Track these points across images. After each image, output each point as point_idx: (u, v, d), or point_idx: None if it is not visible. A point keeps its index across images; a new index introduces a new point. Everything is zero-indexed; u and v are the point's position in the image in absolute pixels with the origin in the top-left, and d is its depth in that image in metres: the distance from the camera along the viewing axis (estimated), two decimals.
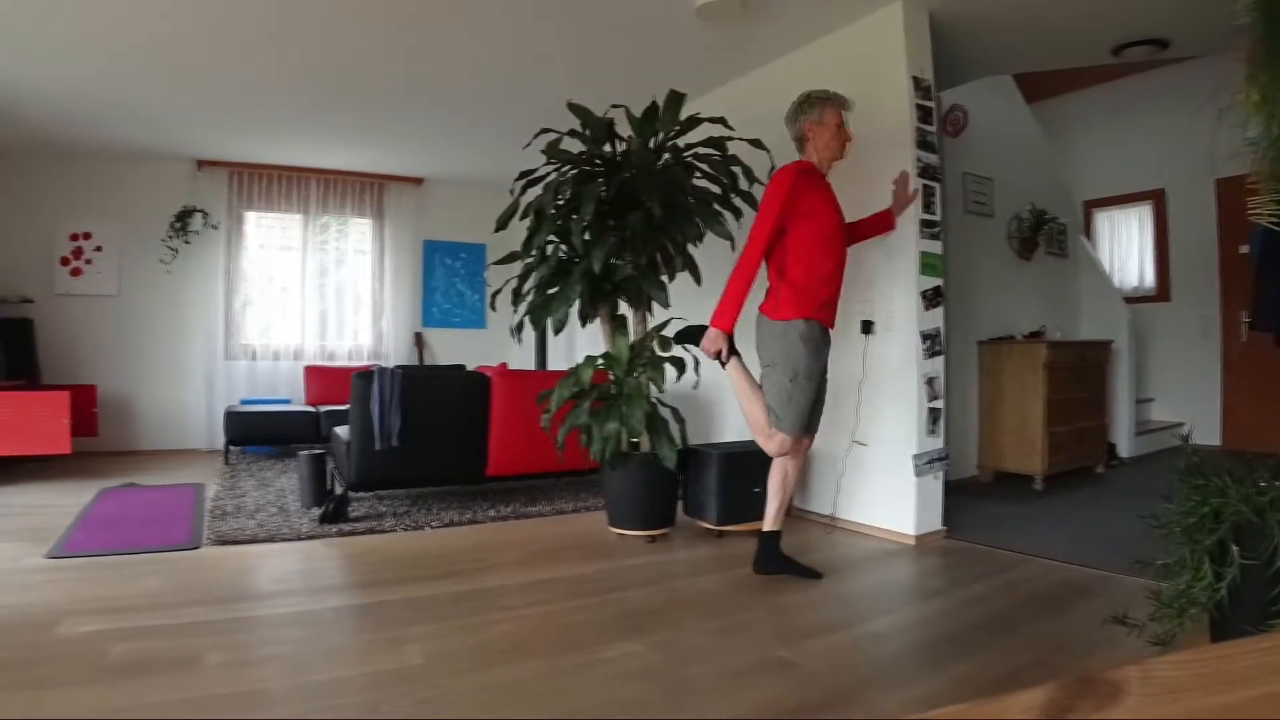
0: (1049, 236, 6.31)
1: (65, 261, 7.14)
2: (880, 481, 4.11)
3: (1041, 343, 5.48)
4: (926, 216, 4.04)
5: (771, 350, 3.35)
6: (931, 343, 4.01)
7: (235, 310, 7.54)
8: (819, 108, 3.38)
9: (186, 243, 7.33)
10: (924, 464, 3.95)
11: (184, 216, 7.25)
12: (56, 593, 3.12)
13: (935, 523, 4.05)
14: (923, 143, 4.08)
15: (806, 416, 3.36)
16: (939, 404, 4.05)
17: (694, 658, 2.51)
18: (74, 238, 7.17)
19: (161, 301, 7.37)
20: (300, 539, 4.00)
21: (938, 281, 4.06)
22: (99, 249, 7.22)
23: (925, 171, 4.06)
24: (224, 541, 3.90)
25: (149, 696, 2.17)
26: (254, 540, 3.94)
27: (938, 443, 4.05)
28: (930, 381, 4.00)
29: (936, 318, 4.05)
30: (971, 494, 5.08)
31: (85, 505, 4.76)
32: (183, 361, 7.43)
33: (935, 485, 4.05)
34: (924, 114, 4.10)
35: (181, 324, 7.44)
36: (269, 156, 7.33)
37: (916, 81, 4.08)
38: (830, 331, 3.39)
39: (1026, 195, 6.13)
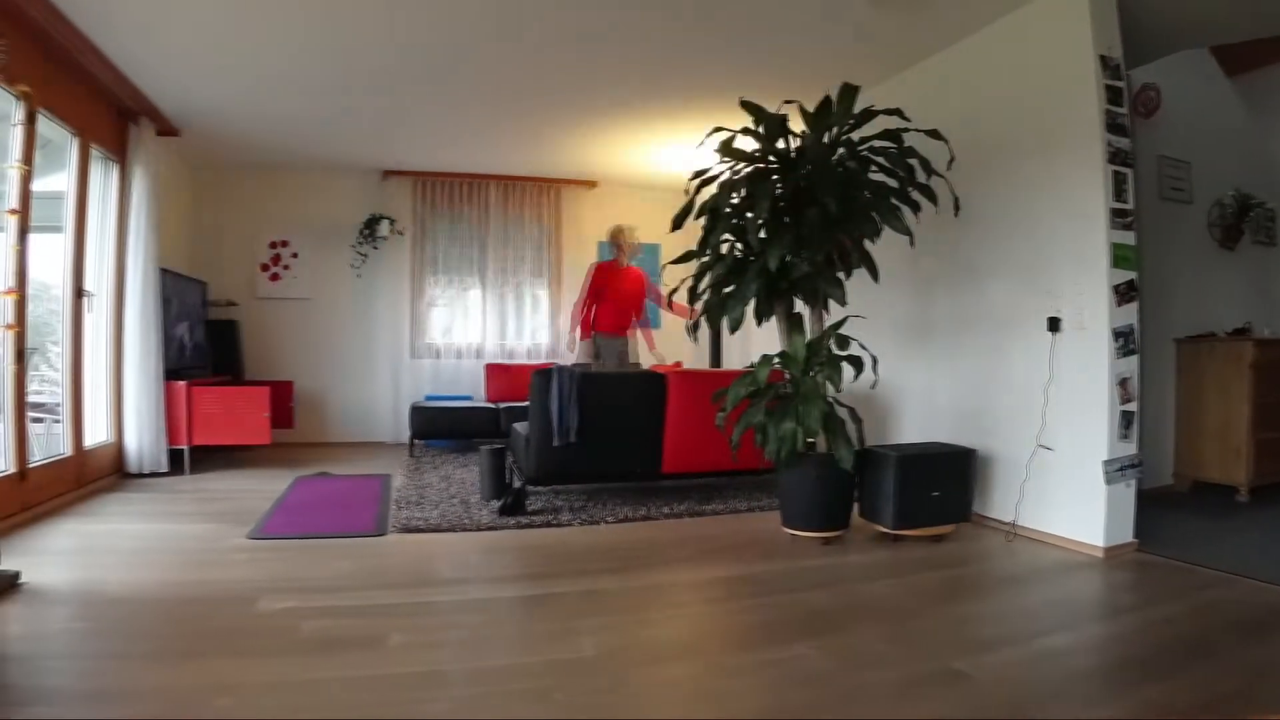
0: (1255, 224, 5.77)
1: (265, 268, 7.77)
2: (1067, 489, 3.88)
3: (1247, 340, 5.03)
4: (1118, 205, 3.79)
5: None
6: (1124, 341, 3.76)
7: (420, 311, 7.98)
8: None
9: (375, 248, 7.82)
10: (1115, 471, 3.70)
11: (372, 224, 7.73)
12: (256, 571, 3.40)
13: (1126, 534, 3.79)
14: (1112, 126, 3.82)
15: None
16: (1132, 407, 3.78)
17: (866, 664, 2.45)
18: (273, 245, 7.79)
19: (352, 303, 7.89)
20: (480, 529, 4.18)
21: (1131, 275, 3.80)
22: (295, 255, 7.81)
23: (1116, 157, 3.81)
24: (408, 530, 4.12)
25: (336, 671, 2.34)
26: (436, 529, 4.14)
27: (1130, 448, 3.78)
28: (1123, 382, 3.75)
29: (1130, 314, 3.79)
30: (1167, 504, 4.72)
31: (282, 492, 5.16)
32: (371, 359, 7.93)
33: (1127, 494, 3.78)
34: (1113, 95, 3.84)
35: (370, 324, 7.94)
36: (450, 164, 7.72)
37: (1104, 60, 3.82)
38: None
39: (1229, 179, 5.63)
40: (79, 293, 5.10)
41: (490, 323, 8.19)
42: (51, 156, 4.92)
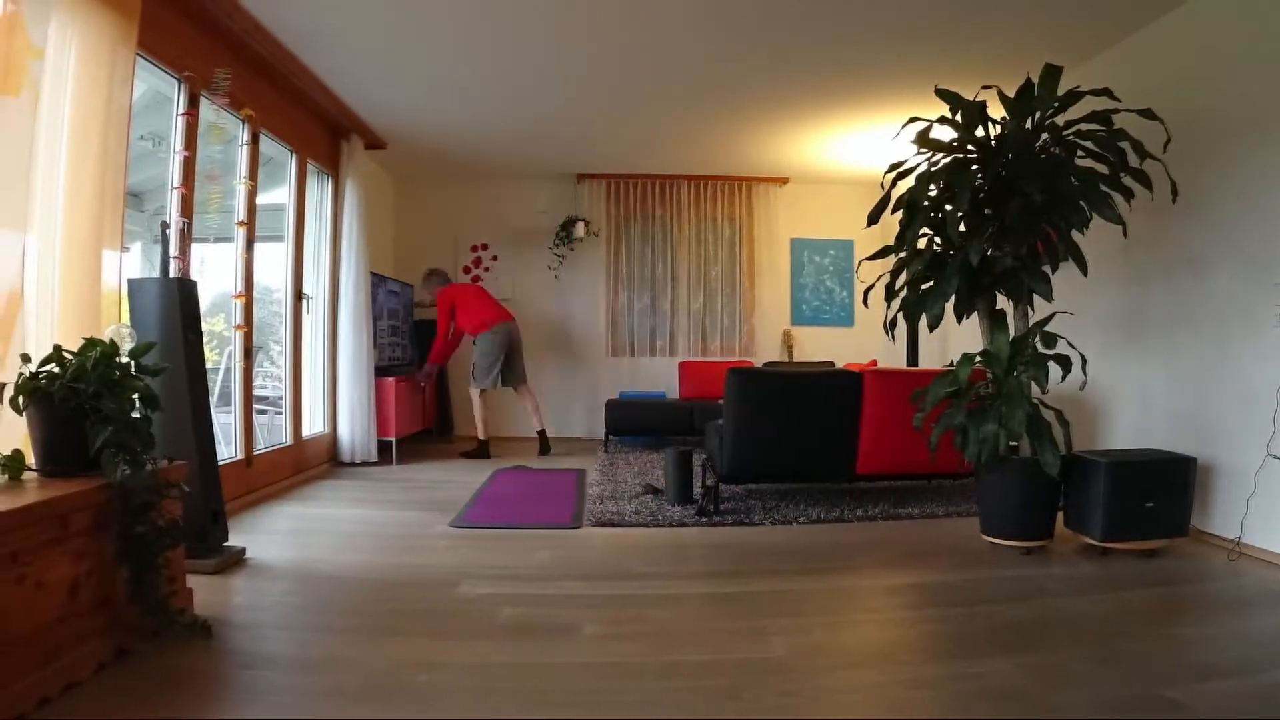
0: None
1: (467, 270, 8.34)
2: None
3: None
4: None
5: None
6: None
7: (616, 310, 8.26)
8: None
9: (571, 249, 8.18)
10: None
11: (567, 226, 8.09)
12: (457, 557, 3.69)
13: None
14: None
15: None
16: None
17: (1065, 684, 2.35)
18: (474, 249, 8.35)
19: (550, 303, 8.31)
20: (671, 525, 4.31)
21: None
22: (495, 258, 8.34)
23: None
24: (602, 523, 4.32)
25: (531, 657, 2.52)
26: (629, 524, 4.32)
27: None
28: None
29: None
30: None
31: (483, 483, 5.52)
32: (568, 357, 8.31)
33: None
34: None
35: (567, 323, 8.33)
36: (642, 166, 7.96)
37: None
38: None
39: None
40: (299, 295, 5.69)
41: (683, 321, 8.35)
42: (273, 172, 5.54)
